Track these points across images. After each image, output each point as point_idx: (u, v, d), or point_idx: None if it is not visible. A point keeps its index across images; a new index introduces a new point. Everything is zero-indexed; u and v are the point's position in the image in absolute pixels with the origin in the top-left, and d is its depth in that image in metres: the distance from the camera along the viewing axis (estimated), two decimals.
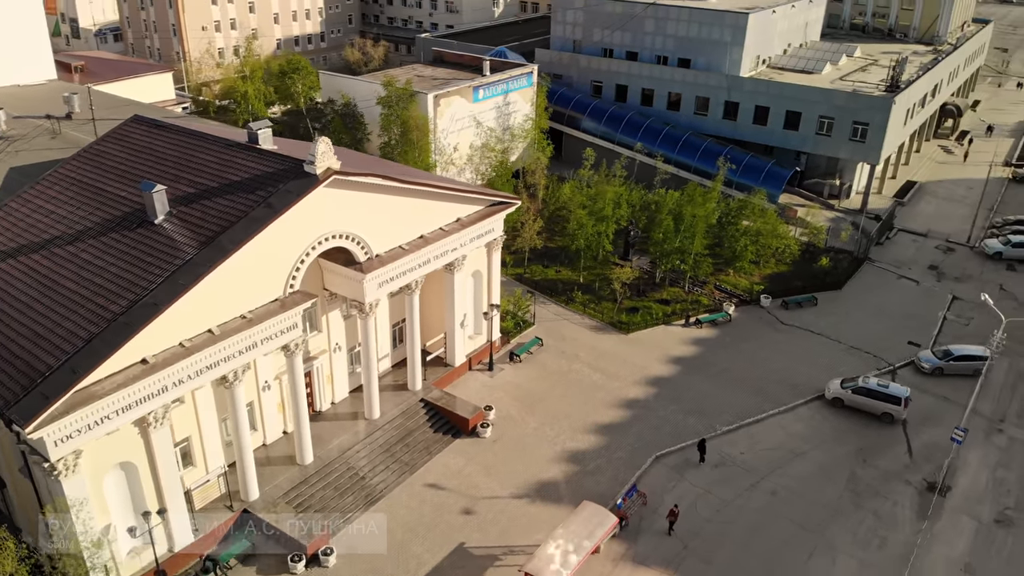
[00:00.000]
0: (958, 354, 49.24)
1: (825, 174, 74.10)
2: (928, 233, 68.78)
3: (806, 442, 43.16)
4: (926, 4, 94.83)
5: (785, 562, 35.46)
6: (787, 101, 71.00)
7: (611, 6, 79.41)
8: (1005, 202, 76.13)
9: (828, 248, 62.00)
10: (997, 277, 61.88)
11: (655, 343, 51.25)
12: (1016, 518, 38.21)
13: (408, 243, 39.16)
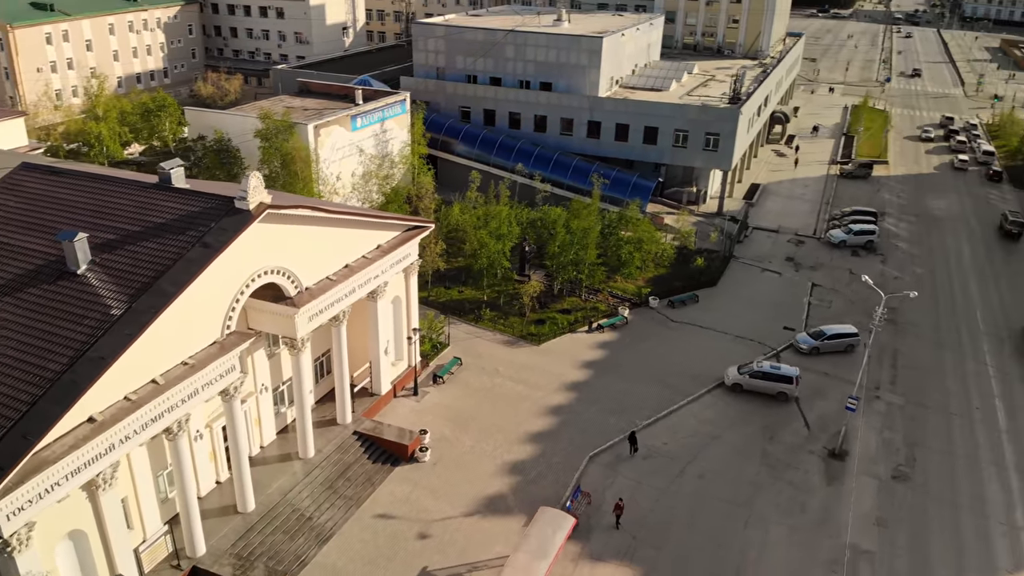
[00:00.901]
0: (831, 333, 55.05)
1: (683, 183, 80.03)
2: (779, 229, 76.05)
3: (717, 426, 46.65)
4: (750, 22, 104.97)
5: (725, 537, 38.25)
6: (645, 118, 76.21)
7: (472, 34, 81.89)
8: (838, 196, 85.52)
9: (699, 249, 67.03)
10: (845, 263, 69.53)
11: (565, 351, 53.38)
12: (909, 473, 43.35)
13: (335, 274, 38.80)
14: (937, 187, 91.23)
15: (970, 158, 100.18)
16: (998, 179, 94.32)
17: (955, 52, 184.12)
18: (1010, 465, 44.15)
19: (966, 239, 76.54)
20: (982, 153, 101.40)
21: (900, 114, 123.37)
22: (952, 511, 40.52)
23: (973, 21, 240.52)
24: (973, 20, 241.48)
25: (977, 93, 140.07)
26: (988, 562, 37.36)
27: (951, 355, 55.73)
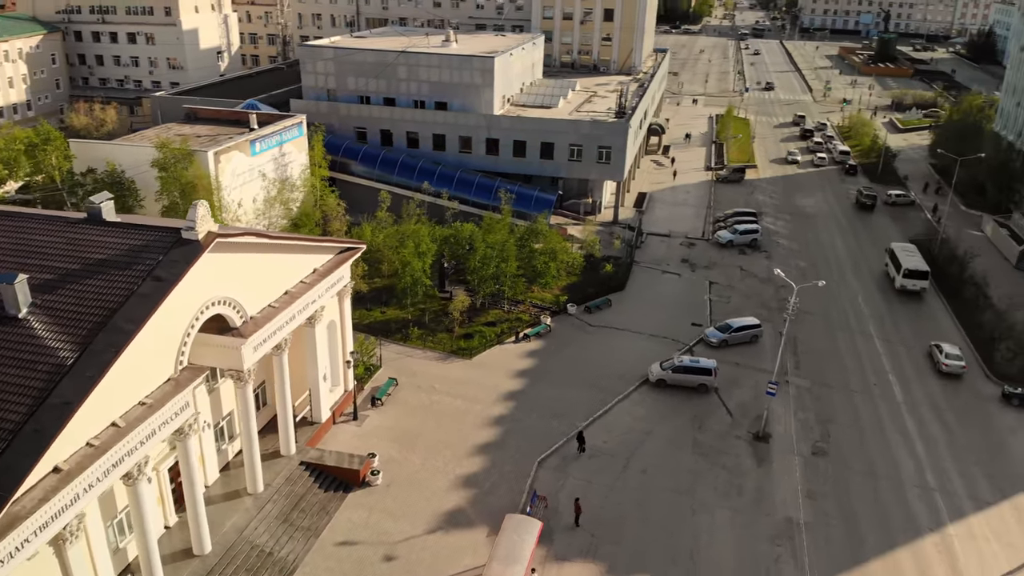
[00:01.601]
0: (737, 326, 58.94)
1: (579, 195, 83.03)
2: (670, 233, 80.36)
3: (649, 422, 48.97)
4: (622, 40, 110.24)
5: (676, 525, 40.33)
6: (541, 134, 78.69)
7: (362, 55, 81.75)
8: (718, 200, 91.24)
9: (604, 257, 69.82)
10: (735, 261, 74.46)
11: (497, 362, 54.31)
12: (826, 448, 47.16)
13: (276, 301, 38.05)
14: (803, 186, 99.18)
15: (828, 157, 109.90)
16: (854, 173, 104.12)
17: (799, 61, 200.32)
18: (913, 433, 48.93)
19: (837, 232, 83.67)
20: (839, 153, 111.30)
21: (758, 121, 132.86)
22: (871, 479, 44.50)
23: (812, 32, 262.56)
24: (811, 31, 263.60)
25: (825, 98, 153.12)
26: (911, 522, 41.29)
27: (843, 336, 60.88)
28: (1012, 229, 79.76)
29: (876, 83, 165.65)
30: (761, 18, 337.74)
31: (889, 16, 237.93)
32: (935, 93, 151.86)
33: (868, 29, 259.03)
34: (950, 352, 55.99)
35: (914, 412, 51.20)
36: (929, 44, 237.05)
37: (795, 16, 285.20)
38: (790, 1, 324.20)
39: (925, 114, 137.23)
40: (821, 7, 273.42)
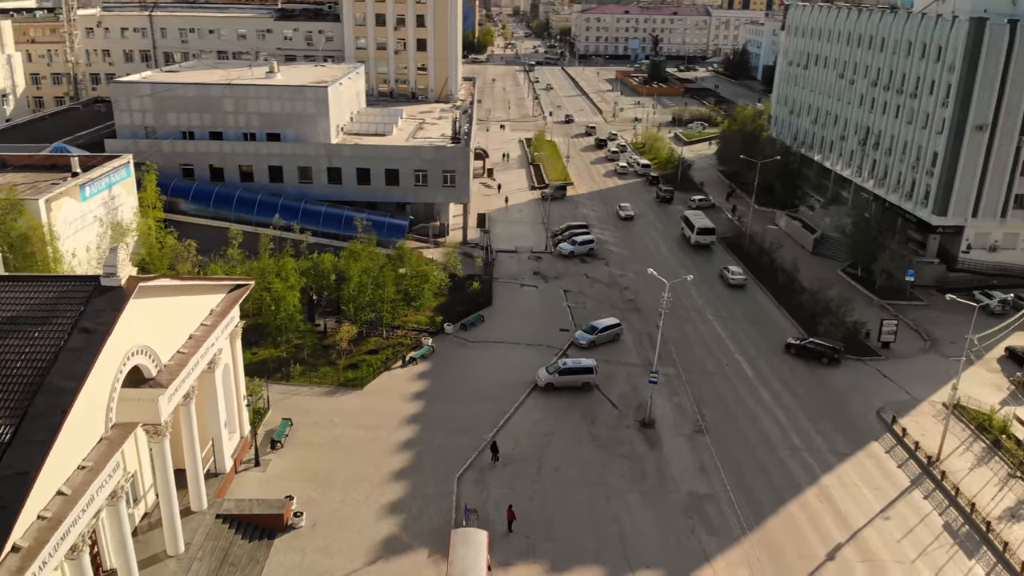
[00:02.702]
0: (601, 327, 63.20)
1: (426, 218, 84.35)
2: (516, 249, 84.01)
3: (548, 424, 51.36)
4: (437, 69, 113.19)
5: (598, 515, 42.84)
6: (385, 161, 79.21)
7: (184, 90, 77.75)
8: (549, 215, 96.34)
9: (467, 276, 71.74)
10: (579, 270, 79.39)
11: (388, 388, 54.13)
12: (706, 426, 52.04)
13: (184, 346, 35.92)
14: (618, 199, 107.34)
15: (631, 170, 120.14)
16: (655, 183, 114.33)
17: (584, 86, 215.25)
18: (770, 403, 55.31)
19: (659, 238, 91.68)
20: (640, 166, 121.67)
21: (563, 142, 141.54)
22: (748, 448, 49.83)
23: (588, 58, 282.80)
24: (588, 57, 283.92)
25: (615, 118, 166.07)
26: (792, 480, 46.78)
27: (688, 326, 67.19)
28: (803, 221, 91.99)
29: (655, 102, 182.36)
30: (537, 45, 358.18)
31: (658, 40, 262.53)
32: (708, 108, 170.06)
33: (636, 54, 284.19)
34: (735, 270, 77.13)
35: (766, 385, 57.85)
36: (691, 64, 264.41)
37: (571, 44, 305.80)
38: (563, 30, 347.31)
39: (704, 127, 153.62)
40: (593, 35, 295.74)
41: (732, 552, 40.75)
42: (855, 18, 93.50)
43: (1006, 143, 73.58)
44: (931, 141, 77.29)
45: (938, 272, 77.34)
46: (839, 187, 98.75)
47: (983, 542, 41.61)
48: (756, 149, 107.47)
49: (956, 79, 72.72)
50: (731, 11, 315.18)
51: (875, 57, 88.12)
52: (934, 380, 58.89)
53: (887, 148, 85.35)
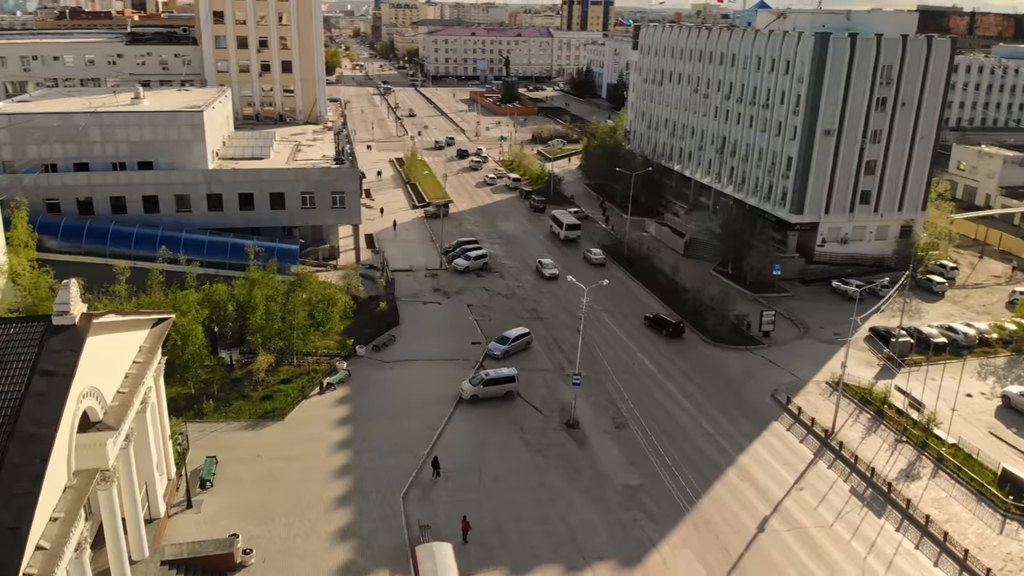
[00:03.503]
0: (513, 337, 64.78)
1: (315, 242, 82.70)
2: (411, 268, 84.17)
3: (480, 434, 52.13)
4: (304, 91, 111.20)
5: (546, 517, 44.13)
6: (270, 184, 77.00)
7: (45, 120, 72.13)
8: (435, 233, 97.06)
9: (370, 297, 71.11)
10: (477, 284, 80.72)
11: (311, 417, 52.88)
12: (625, 421, 54.72)
13: (123, 385, 33.89)
14: (499, 214, 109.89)
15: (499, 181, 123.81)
16: (528, 196, 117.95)
17: (441, 106, 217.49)
18: (677, 394, 58.91)
19: (543, 249, 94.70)
20: (512, 180, 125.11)
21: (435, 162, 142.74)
22: (668, 438, 52.88)
23: (439, 79, 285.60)
24: (439, 78, 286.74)
25: (478, 137, 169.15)
26: (712, 464, 50.08)
27: (591, 329, 70.08)
28: (671, 226, 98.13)
29: (515, 121, 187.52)
30: (384, 65, 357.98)
31: (509, 61, 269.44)
32: (564, 126, 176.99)
33: (485, 74, 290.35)
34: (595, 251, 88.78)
35: (670, 378, 61.53)
36: (539, 84, 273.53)
37: (421, 65, 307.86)
38: (410, 52, 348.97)
39: (564, 144, 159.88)
40: (443, 56, 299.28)
41: (673, 535, 43.28)
42: (706, 37, 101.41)
43: (851, 146, 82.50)
44: (785, 147, 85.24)
45: (799, 265, 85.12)
46: (699, 194, 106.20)
47: (887, 502, 46.59)
48: (619, 162, 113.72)
49: (805, 89, 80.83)
50: (571, 32, 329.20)
51: (727, 72, 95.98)
52: (814, 362, 65.03)
53: (744, 155, 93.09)
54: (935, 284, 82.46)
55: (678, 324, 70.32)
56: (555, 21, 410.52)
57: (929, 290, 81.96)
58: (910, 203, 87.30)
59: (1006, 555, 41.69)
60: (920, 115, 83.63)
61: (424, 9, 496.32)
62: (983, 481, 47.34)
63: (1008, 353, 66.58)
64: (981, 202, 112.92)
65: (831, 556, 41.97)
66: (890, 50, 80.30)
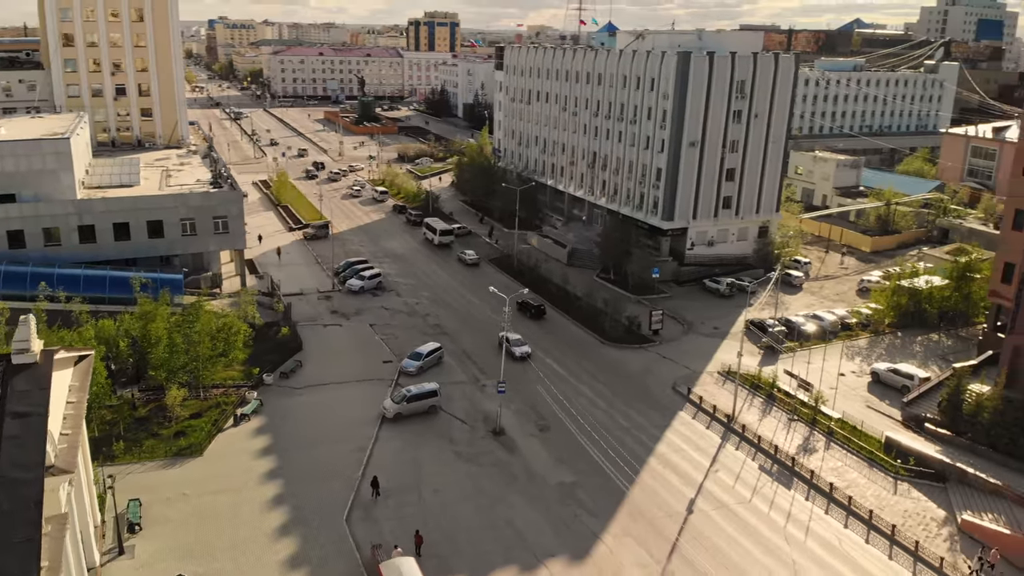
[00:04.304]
0: (426, 352, 65.20)
1: (196, 269, 79.04)
2: (302, 291, 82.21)
3: (410, 451, 52.29)
4: (164, 115, 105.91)
5: (491, 523, 45.19)
6: (147, 212, 73.08)
7: None
8: (320, 255, 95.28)
9: (267, 323, 69.02)
10: (375, 303, 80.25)
11: (232, 450, 50.91)
12: (548, 424, 56.66)
13: (65, 427, 31.70)
14: (381, 232, 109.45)
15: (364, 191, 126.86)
16: (402, 211, 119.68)
17: (296, 127, 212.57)
18: (588, 394, 61.62)
19: (431, 263, 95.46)
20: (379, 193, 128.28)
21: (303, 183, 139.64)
22: (588, 435, 55.29)
23: (288, 99, 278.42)
24: (287, 98, 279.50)
25: (342, 157, 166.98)
26: (635, 455, 52.95)
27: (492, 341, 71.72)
28: (553, 238, 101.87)
29: (379, 140, 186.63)
30: (225, 86, 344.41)
31: (364, 81, 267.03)
32: (429, 145, 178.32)
33: (336, 94, 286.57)
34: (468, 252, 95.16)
35: (579, 379, 64.21)
36: (393, 104, 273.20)
37: (267, 86, 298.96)
38: (253, 73, 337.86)
39: (431, 162, 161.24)
40: (290, 77, 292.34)
41: (614, 526, 45.58)
42: (571, 57, 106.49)
43: (713, 156, 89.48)
44: (654, 159, 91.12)
45: (672, 268, 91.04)
46: (573, 206, 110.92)
47: (793, 475, 51.30)
48: (494, 179, 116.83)
49: (671, 105, 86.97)
50: (419, 52, 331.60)
51: (594, 91, 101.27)
52: (702, 355, 70.08)
53: (615, 169, 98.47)
54: (793, 278, 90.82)
55: (539, 306, 78.33)
56: (400, 41, 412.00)
57: (789, 284, 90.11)
58: (766, 206, 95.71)
59: (904, 512, 47.20)
60: (771, 125, 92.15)
61: (261, 29, 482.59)
62: (871, 449, 53.23)
63: (868, 335, 74.72)
64: (819, 202, 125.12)
65: (756, 528, 45.79)
66: (743, 66, 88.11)
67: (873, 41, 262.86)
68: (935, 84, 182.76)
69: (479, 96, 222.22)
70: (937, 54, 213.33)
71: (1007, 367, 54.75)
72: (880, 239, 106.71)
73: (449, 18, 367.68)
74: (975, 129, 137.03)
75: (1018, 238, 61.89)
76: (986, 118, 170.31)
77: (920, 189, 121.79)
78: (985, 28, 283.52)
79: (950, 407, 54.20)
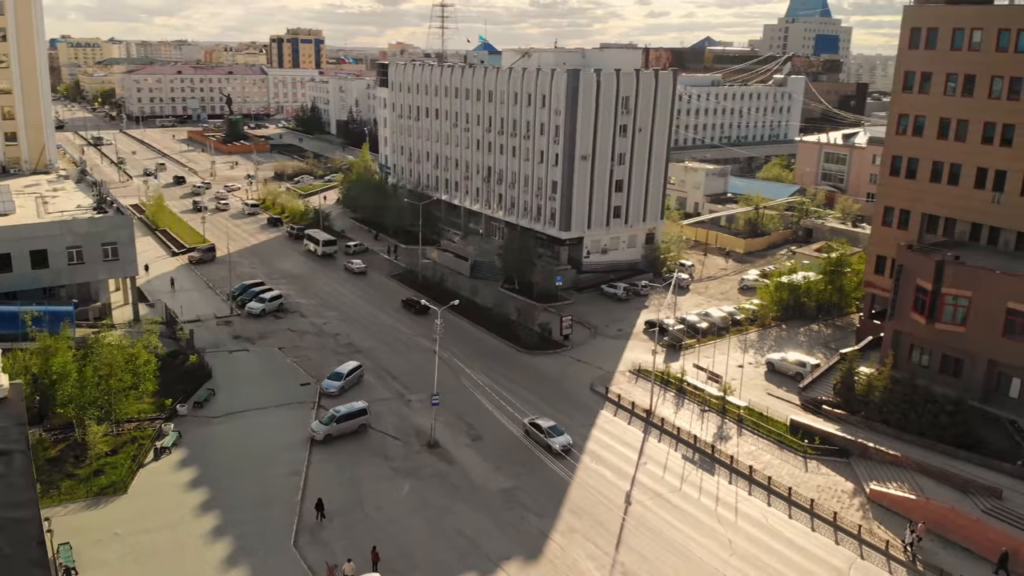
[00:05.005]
0: (347, 372, 64.41)
1: (84, 300, 74.19)
2: (199, 318, 78.81)
3: (347, 471, 51.68)
4: (30, 139, 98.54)
5: (440, 534, 45.56)
6: (28, 242, 68.00)
7: None
8: (210, 279, 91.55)
9: (170, 352, 65.85)
10: (279, 326, 78.21)
11: (158, 485, 48.46)
12: (479, 434, 57.46)
13: None
14: (272, 253, 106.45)
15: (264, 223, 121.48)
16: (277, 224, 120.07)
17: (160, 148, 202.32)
18: (513, 400, 62.87)
19: (331, 281, 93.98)
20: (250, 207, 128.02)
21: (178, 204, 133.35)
22: (519, 440, 56.66)
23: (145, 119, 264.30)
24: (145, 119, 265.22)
25: (214, 177, 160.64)
26: (570, 455, 54.82)
27: (413, 353, 71.77)
28: (453, 252, 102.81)
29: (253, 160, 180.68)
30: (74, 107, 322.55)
31: (231, 99, 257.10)
32: (308, 163, 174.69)
33: (199, 113, 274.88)
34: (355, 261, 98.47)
35: (502, 386, 65.23)
36: (260, 122, 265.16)
37: (120, 106, 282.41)
38: (103, 93, 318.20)
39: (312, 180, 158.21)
40: (147, 96, 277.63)
41: (560, 524, 47.09)
42: (460, 74, 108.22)
43: (603, 168, 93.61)
44: (549, 173, 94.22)
45: (571, 276, 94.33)
46: (469, 220, 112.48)
47: (715, 461, 54.77)
48: (385, 196, 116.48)
49: (563, 120, 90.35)
50: (284, 70, 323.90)
51: (486, 107, 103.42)
52: (611, 356, 73.23)
53: (511, 182, 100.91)
54: (680, 280, 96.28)
55: (423, 304, 79.13)
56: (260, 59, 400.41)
57: (678, 286, 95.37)
58: (651, 214, 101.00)
59: (817, 487, 51.49)
60: (654, 138, 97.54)
61: (108, 48, 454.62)
62: (780, 432, 57.67)
63: (756, 329, 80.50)
64: (691, 209, 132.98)
65: (691, 513, 48.63)
66: (627, 83, 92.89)
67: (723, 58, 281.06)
68: (785, 96, 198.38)
69: (354, 113, 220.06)
70: (785, 68, 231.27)
71: (890, 349, 60.97)
72: (752, 241, 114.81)
73: (313, 35, 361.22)
74: (827, 136, 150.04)
75: (888, 233, 68.99)
76: (832, 126, 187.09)
77: (782, 193, 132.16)
78: (823, 43, 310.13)
79: (844, 389, 59.60)
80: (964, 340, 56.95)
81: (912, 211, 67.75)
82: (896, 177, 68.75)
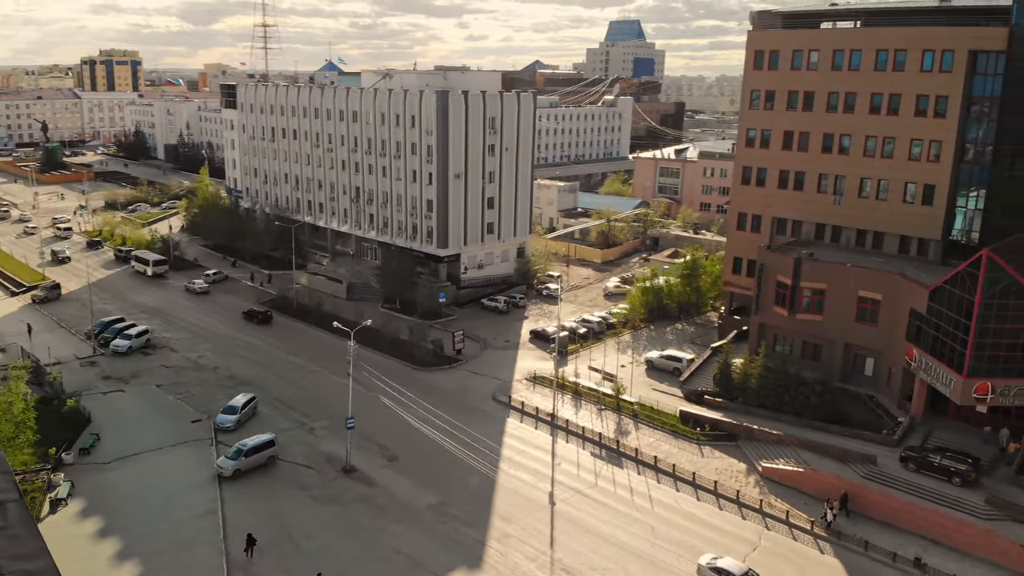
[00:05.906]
0: (240, 405, 61.92)
1: None
2: (59, 360, 72.61)
3: (268, 504, 50.08)
4: None
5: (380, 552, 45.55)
6: None
7: None
8: (61, 318, 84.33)
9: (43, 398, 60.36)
10: (151, 363, 73.73)
11: (59, 539, 44.32)
12: (394, 454, 57.39)
13: None
14: (123, 286, 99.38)
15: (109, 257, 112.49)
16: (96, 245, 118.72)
17: None
18: (420, 416, 63.30)
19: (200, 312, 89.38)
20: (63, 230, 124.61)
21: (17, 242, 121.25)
22: (434, 456, 57.22)
23: None
24: None
25: (36, 210, 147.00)
26: (485, 466, 55.97)
27: (308, 380, 70.13)
28: (325, 275, 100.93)
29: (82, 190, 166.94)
30: None
31: (47, 126, 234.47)
32: (142, 190, 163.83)
33: (5, 142, 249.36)
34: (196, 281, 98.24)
35: (403, 407, 65.25)
36: (76, 149, 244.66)
37: None
38: None
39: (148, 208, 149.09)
40: None
41: (493, 531, 48.36)
42: (320, 94, 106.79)
43: (475, 186, 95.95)
44: (424, 191, 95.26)
45: (452, 292, 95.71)
46: (337, 241, 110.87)
47: (621, 455, 58.17)
48: (238, 221, 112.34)
49: (435, 140, 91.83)
50: (99, 93, 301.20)
51: (350, 127, 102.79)
52: (504, 366, 75.48)
53: (383, 202, 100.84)
54: (552, 290, 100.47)
55: (265, 312, 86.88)
56: (68, 82, 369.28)
57: (550, 296, 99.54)
58: (521, 229, 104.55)
59: (716, 469, 56.10)
60: (519, 156, 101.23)
61: None
62: (672, 423, 62.17)
63: (628, 331, 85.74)
64: (547, 224, 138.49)
65: (611, 505, 51.53)
66: (493, 104, 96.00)
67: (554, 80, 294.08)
68: (616, 116, 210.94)
69: (185, 136, 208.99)
70: (614, 89, 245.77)
71: (757, 341, 67.50)
72: (607, 251, 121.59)
73: (129, 56, 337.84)
74: (661, 152, 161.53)
75: (743, 237, 76.28)
76: (657, 143, 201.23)
77: (627, 206, 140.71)
78: (640, 66, 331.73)
79: (723, 379, 65.24)
80: (822, 327, 64.35)
81: (763, 215, 75.39)
82: (747, 186, 76.30)
